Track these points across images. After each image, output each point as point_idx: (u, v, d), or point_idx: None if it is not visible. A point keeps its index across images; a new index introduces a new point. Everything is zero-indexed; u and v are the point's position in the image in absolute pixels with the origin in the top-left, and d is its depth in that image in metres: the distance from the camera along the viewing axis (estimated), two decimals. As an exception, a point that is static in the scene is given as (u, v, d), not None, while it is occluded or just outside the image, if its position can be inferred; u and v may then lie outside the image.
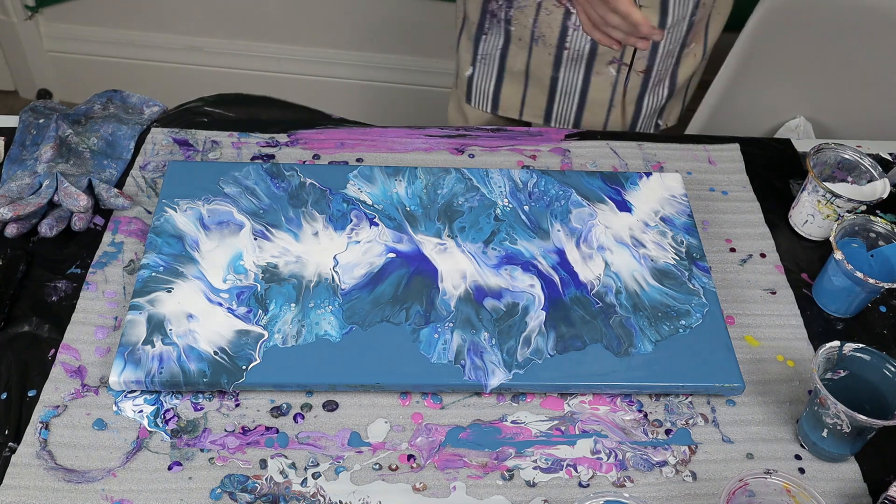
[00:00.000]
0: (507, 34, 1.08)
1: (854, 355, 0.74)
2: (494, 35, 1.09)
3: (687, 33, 1.07)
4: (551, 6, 1.03)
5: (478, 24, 1.10)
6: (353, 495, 0.70)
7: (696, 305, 0.83)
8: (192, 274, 0.82)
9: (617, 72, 1.08)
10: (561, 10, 1.03)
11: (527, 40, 1.07)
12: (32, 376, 0.76)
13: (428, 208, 0.90)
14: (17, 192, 0.88)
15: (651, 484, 0.73)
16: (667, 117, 1.19)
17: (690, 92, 1.21)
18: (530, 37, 1.06)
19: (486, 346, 0.78)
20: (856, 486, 0.74)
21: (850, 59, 1.18)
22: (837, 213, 0.90)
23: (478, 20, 1.10)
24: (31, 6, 1.95)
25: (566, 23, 1.03)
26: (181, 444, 0.72)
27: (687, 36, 1.08)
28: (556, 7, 1.02)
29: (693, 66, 1.13)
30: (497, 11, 1.06)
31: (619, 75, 1.09)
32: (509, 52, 1.10)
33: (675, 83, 1.13)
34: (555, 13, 1.03)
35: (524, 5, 1.04)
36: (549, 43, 1.06)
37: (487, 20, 1.08)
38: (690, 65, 1.13)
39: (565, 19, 1.03)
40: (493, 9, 1.06)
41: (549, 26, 1.04)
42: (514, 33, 1.07)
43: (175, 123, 1.00)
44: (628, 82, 1.09)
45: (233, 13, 1.91)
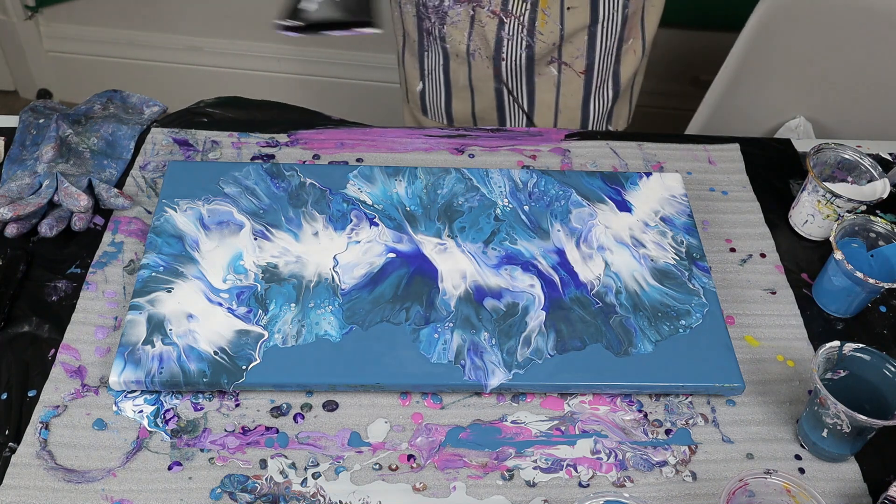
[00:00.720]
0: (444, 51, 1.07)
1: (854, 355, 0.74)
2: (434, 52, 1.08)
3: (623, 27, 1.07)
4: (485, 18, 1.02)
5: (417, 41, 1.09)
6: (353, 495, 0.70)
7: (696, 305, 0.83)
8: (192, 274, 0.82)
9: (558, 71, 1.08)
10: (495, 20, 1.02)
11: (464, 56, 1.06)
12: (32, 376, 0.76)
13: (428, 208, 0.90)
14: (17, 192, 0.88)
15: (651, 484, 0.73)
16: (616, 121, 1.18)
17: (636, 93, 1.20)
18: (466, 52, 1.05)
19: (486, 346, 0.78)
20: (856, 486, 0.74)
21: (850, 59, 1.18)
22: (837, 213, 0.90)
23: (416, 38, 1.09)
24: (31, 6, 1.95)
25: (500, 33, 1.03)
26: (181, 444, 0.72)
27: (623, 30, 1.07)
28: (489, 18, 1.02)
29: (634, 63, 1.12)
30: (431, 29, 1.05)
31: (561, 75, 1.08)
32: (450, 67, 1.09)
33: (618, 83, 1.12)
34: (489, 24, 1.02)
35: (457, 20, 1.03)
36: (485, 56, 1.05)
37: (425, 38, 1.07)
38: (631, 62, 1.12)
39: (499, 30, 1.02)
40: (427, 27, 1.05)
41: (483, 38, 1.04)
42: (450, 50, 1.06)
43: (175, 123, 1.00)
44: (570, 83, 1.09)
45: (233, 13, 1.91)
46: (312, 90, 2.00)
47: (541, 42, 1.04)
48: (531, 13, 1.01)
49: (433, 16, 1.03)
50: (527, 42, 1.03)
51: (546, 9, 1.01)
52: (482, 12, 1.01)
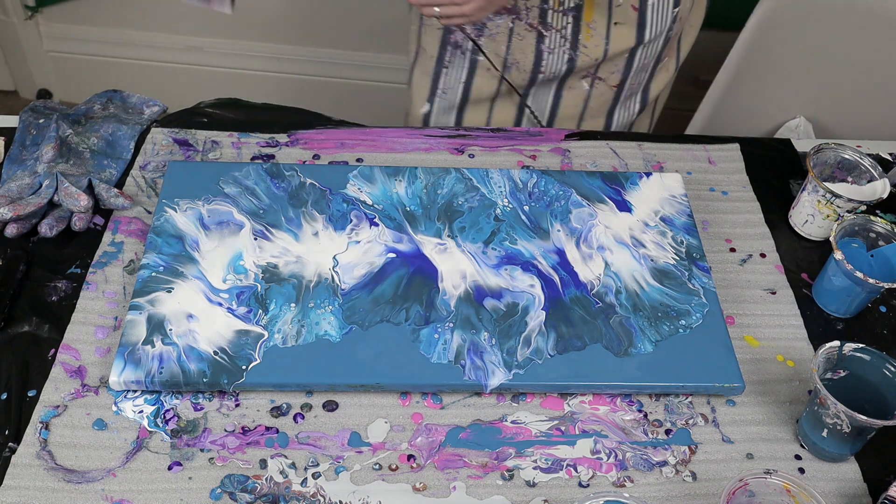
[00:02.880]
0: (473, 64, 1.04)
1: (854, 355, 0.74)
2: (456, 68, 1.05)
3: (663, 48, 1.06)
4: (523, 31, 1.00)
5: (437, 57, 1.06)
6: (353, 495, 0.70)
7: (696, 305, 0.83)
8: (192, 274, 0.82)
9: (590, 86, 1.07)
10: (533, 34, 1.00)
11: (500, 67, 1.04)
12: (32, 376, 0.76)
13: (428, 208, 0.90)
14: (17, 192, 0.88)
15: (651, 484, 0.73)
16: (636, 131, 1.17)
17: (660, 105, 1.19)
18: (503, 64, 1.03)
19: (486, 346, 0.78)
20: (856, 486, 0.74)
21: (850, 59, 1.18)
22: (837, 213, 0.90)
23: (437, 53, 1.06)
24: (31, 6, 1.95)
25: (540, 47, 1.01)
26: (181, 444, 0.72)
27: (662, 51, 1.07)
28: (527, 32, 1.00)
29: (665, 80, 1.12)
30: (462, 42, 1.02)
31: (593, 89, 1.07)
32: (474, 83, 1.06)
33: (646, 97, 1.12)
34: (527, 38, 1.01)
35: (495, 33, 1.01)
36: (523, 69, 1.04)
37: (448, 53, 1.04)
38: (663, 79, 1.11)
39: (539, 44, 1.01)
40: (456, 40, 1.03)
41: (522, 52, 1.02)
42: (481, 63, 1.03)
43: (175, 123, 1.00)
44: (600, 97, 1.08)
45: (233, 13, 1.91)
46: (312, 91, 2.00)
47: (584, 56, 1.02)
48: (574, 26, 0.99)
49: (469, 26, 1.00)
50: (569, 55, 1.01)
51: (591, 23, 0.99)
52: (521, 25, 0.99)
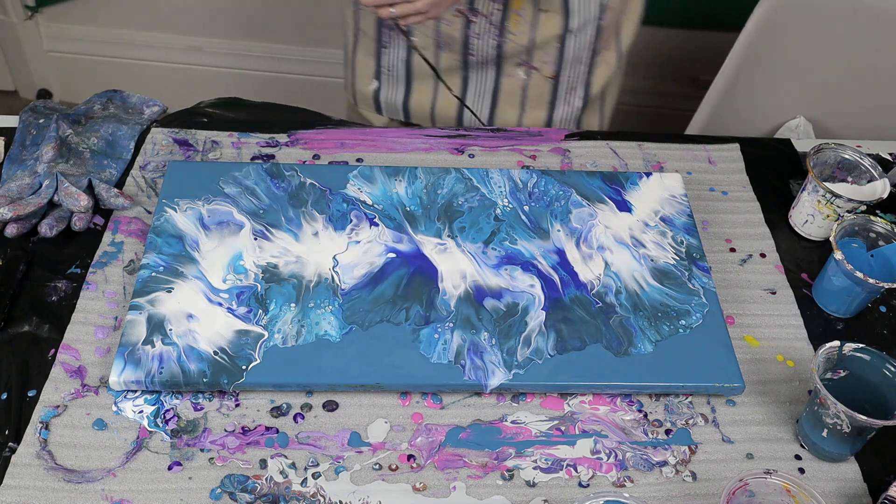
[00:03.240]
0: (410, 45, 1.05)
1: (854, 355, 0.74)
2: (395, 47, 1.06)
3: (596, 39, 1.06)
4: (451, 17, 1.01)
5: (376, 38, 1.07)
6: (353, 495, 0.70)
7: (696, 305, 0.83)
8: (192, 274, 0.82)
9: (526, 75, 1.07)
10: (461, 19, 1.01)
11: (431, 49, 1.05)
12: (32, 376, 0.76)
13: (428, 208, 0.90)
14: (17, 192, 0.88)
15: (651, 484, 0.73)
16: (585, 129, 1.16)
17: (610, 102, 1.18)
18: (435, 45, 1.04)
19: (486, 346, 0.78)
20: (856, 486, 0.74)
21: (850, 59, 1.18)
22: (837, 213, 0.90)
23: (375, 35, 1.07)
24: (31, 6, 1.95)
25: (467, 32, 1.02)
26: (181, 444, 0.72)
27: (596, 42, 1.06)
28: (455, 17, 1.01)
29: (607, 74, 1.11)
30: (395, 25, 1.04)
31: (529, 79, 1.07)
32: (413, 61, 1.07)
33: (588, 92, 1.11)
34: (455, 23, 1.01)
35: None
36: (454, 50, 1.04)
37: (385, 34, 1.06)
38: (604, 73, 1.10)
39: (466, 29, 1.02)
40: (389, 23, 1.03)
41: (451, 37, 1.03)
42: (416, 44, 1.04)
43: (175, 123, 1.00)
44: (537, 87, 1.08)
45: (233, 13, 1.91)
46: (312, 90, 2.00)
47: (511, 42, 1.03)
48: (502, 13, 1.00)
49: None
50: (497, 42, 1.02)
51: (520, 10, 1.00)
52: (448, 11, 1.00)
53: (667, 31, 1.81)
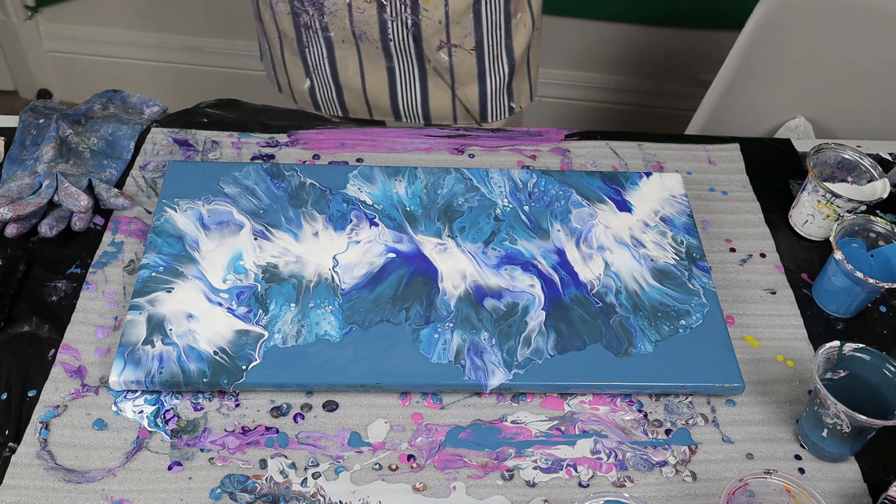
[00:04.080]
0: (328, 41, 1.05)
1: (854, 355, 0.74)
2: (316, 46, 1.06)
3: (507, 2, 1.06)
4: (363, 3, 1.00)
5: (296, 38, 1.07)
6: (353, 495, 0.70)
7: (696, 305, 0.83)
8: (192, 274, 0.82)
9: (449, 55, 1.06)
10: (373, 5, 1.00)
11: (351, 40, 1.04)
12: (32, 376, 0.76)
13: (428, 208, 0.90)
14: (17, 192, 0.88)
15: (651, 484, 0.73)
16: (518, 98, 1.17)
17: (534, 68, 1.19)
18: (353, 36, 1.04)
19: (486, 346, 0.78)
20: (856, 486, 0.74)
21: (850, 59, 1.18)
22: (837, 213, 0.90)
23: (294, 35, 1.07)
24: (31, 6, 1.95)
25: (383, 16, 1.01)
26: (181, 444, 0.72)
27: (508, 5, 1.06)
28: (367, 3, 1.00)
29: (526, 36, 1.11)
30: (311, 23, 1.04)
31: (452, 58, 1.07)
32: (336, 57, 1.07)
33: (513, 57, 1.11)
34: (368, 10, 1.01)
35: (334, 10, 1.01)
36: (372, 38, 1.04)
37: (304, 34, 1.06)
38: (523, 35, 1.11)
39: (381, 13, 1.01)
40: (305, 21, 1.04)
41: (367, 24, 1.02)
42: (334, 38, 1.05)
43: (175, 124, 1.00)
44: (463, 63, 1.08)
45: (233, 13, 1.91)
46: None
47: (426, 19, 1.02)
48: None
49: (310, 8, 1.02)
50: (412, 20, 1.02)
51: None
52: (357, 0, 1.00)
53: (667, 31, 1.81)
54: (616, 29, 1.82)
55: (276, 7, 1.05)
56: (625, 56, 1.86)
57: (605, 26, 1.81)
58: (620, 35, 1.84)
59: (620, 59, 1.87)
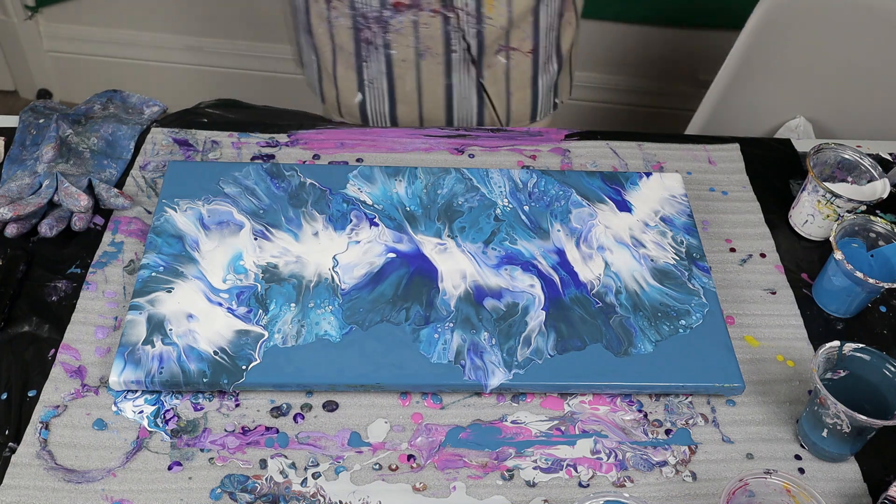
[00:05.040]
0: (389, 58, 1.05)
1: (854, 355, 0.74)
2: (375, 61, 1.06)
3: (561, 3, 1.07)
4: (428, 19, 1.01)
5: (355, 52, 1.06)
6: (353, 495, 0.70)
7: (696, 305, 0.83)
8: (192, 274, 0.82)
9: (507, 59, 1.07)
10: (438, 18, 1.01)
11: (412, 59, 1.05)
12: (32, 376, 0.76)
13: (428, 208, 0.90)
14: (17, 192, 0.88)
15: (651, 484, 0.73)
16: (561, 94, 1.18)
17: (574, 63, 1.20)
18: (415, 55, 1.04)
19: (486, 346, 0.78)
20: (856, 486, 0.74)
21: (850, 59, 1.18)
22: (837, 213, 0.90)
23: (353, 49, 1.06)
24: (31, 6, 1.95)
25: (447, 29, 1.02)
26: (181, 444, 0.72)
27: (562, 6, 1.07)
28: (431, 18, 1.01)
29: (571, 34, 1.13)
30: (373, 39, 1.03)
31: (510, 62, 1.07)
32: (395, 73, 1.07)
33: (561, 56, 1.12)
34: (433, 24, 1.01)
35: (399, 28, 1.01)
36: (435, 53, 1.04)
37: (364, 48, 1.05)
38: (569, 34, 1.12)
39: (445, 26, 1.01)
40: (367, 37, 1.03)
41: (431, 38, 1.03)
42: (395, 56, 1.04)
43: (175, 123, 1.00)
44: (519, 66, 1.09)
45: (233, 13, 1.91)
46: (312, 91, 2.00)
47: (490, 26, 1.02)
48: (476, 1, 0.99)
49: (374, 25, 1.01)
50: (476, 30, 1.02)
51: None
52: (424, 14, 1.00)
53: (667, 31, 1.81)
54: (616, 29, 1.82)
55: (334, 21, 1.04)
56: (625, 56, 1.86)
57: (605, 26, 1.81)
58: (620, 35, 1.84)
59: (620, 59, 1.86)
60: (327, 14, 1.03)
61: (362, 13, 1.01)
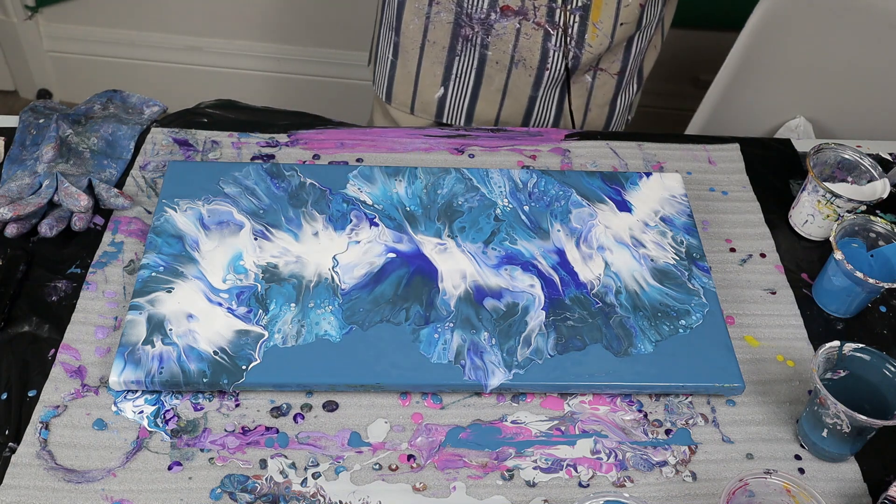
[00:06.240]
0: (483, 57, 1.06)
1: (854, 355, 0.74)
2: (467, 56, 1.07)
3: (654, 30, 1.09)
4: (531, 30, 1.02)
5: (448, 47, 1.07)
6: (353, 495, 0.70)
7: (696, 305, 0.83)
8: (192, 274, 0.82)
9: (593, 78, 1.08)
10: (540, 32, 1.02)
11: (506, 63, 1.06)
12: (32, 376, 0.76)
13: (428, 208, 0.90)
14: (17, 192, 0.88)
15: (651, 484, 0.73)
16: (634, 110, 1.21)
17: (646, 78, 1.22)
18: (510, 60, 1.05)
19: (486, 346, 0.78)
20: (856, 486, 0.74)
21: (850, 59, 1.18)
22: (837, 213, 0.90)
23: (448, 44, 1.07)
24: (31, 6, 1.95)
25: (546, 44, 1.03)
26: (181, 444, 0.72)
27: (653, 32, 1.10)
28: (535, 30, 1.02)
29: (654, 57, 1.15)
30: (472, 37, 1.04)
31: (595, 80, 1.09)
32: (485, 72, 1.08)
33: (642, 77, 1.14)
34: (534, 36, 1.02)
35: (502, 33, 1.02)
36: (529, 65, 1.05)
37: (460, 43, 1.06)
38: (652, 57, 1.14)
39: (545, 41, 1.03)
40: (466, 34, 1.04)
41: (529, 50, 1.04)
42: (490, 57, 1.05)
43: (175, 123, 1.00)
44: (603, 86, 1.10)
45: (233, 13, 1.91)
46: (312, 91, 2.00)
47: (588, 53, 1.04)
48: (580, 25, 1.01)
49: (477, 26, 1.02)
50: (574, 53, 1.04)
51: (598, 22, 1.02)
52: (528, 25, 1.01)
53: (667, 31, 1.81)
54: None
55: (433, 17, 1.05)
56: (625, 56, 1.86)
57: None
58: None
59: (620, 59, 1.86)
60: (427, 10, 1.04)
61: (467, 13, 1.02)
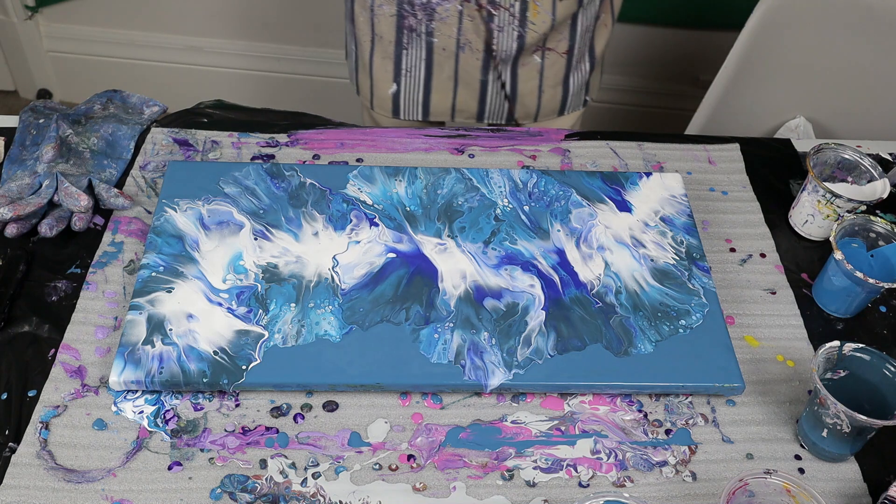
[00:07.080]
0: (430, 46, 1.06)
1: (854, 355, 0.74)
2: (415, 48, 1.07)
3: (599, 6, 1.09)
4: (473, 12, 1.02)
5: (395, 41, 1.07)
6: (353, 495, 0.70)
7: (696, 305, 0.83)
8: (192, 274, 0.82)
9: (542, 58, 1.08)
10: (483, 13, 1.02)
11: (452, 49, 1.06)
12: (32, 376, 0.76)
13: (428, 208, 0.90)
14: (17, 192, 0.88)
15: (651, 484, 0.73)
16: (592, 91, 1.20)
17: (605, 61, 1.22)
18: (456, 45, 1.05)
19: (486, 346, 0.78)
20: (856, 486, 0.74)
21: (850, 59, 1.18)
22: (837, 213, 0.90)
23: (394, 38, 1.07)
24: (31, 6, 1.95)
25: (490, 26, 1.03)
26: (181, 444, 0.72)
27: (600, 9, 1.09)
28: (477, 12, 1.02)
29: (606, 35, 1.14)
30: (416, 26, 1.04)
31: (544, 60, 1.09)
32: (434, 61, 1.08)
33: (594, 56, 1.14)
34: (477, 18, 1.02)
35: (445, 17, 1.02)
36: (475, 48, 1.05)
37: (405, 36, 1.06)
38: (604, 35, 1.14)
39: (489, 22, 1.03)
40: (410, 24, 1.05)
41: (473, 33, 1.04)
42: (436, 45, 1.06)
43: (175, 123, 1.00)
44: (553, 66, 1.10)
45: (233, 13, 1.91)
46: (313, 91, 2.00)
47: (532, 32, 1.04)
48: (522, 4, 1.01)
49: (420, 13, 1.03)
50: (518, 33, 1.04)
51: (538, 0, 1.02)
52: (469, 6, 1.01)
53: (667, 31, 1.81)
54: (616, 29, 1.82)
55: (377, 10, 1.05)
56: (625, 56, 1.86)
57: (605, 26, 1.81)
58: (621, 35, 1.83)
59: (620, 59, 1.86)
60: (370, 2, 1.04)
61: (408, 0, 1.01)
